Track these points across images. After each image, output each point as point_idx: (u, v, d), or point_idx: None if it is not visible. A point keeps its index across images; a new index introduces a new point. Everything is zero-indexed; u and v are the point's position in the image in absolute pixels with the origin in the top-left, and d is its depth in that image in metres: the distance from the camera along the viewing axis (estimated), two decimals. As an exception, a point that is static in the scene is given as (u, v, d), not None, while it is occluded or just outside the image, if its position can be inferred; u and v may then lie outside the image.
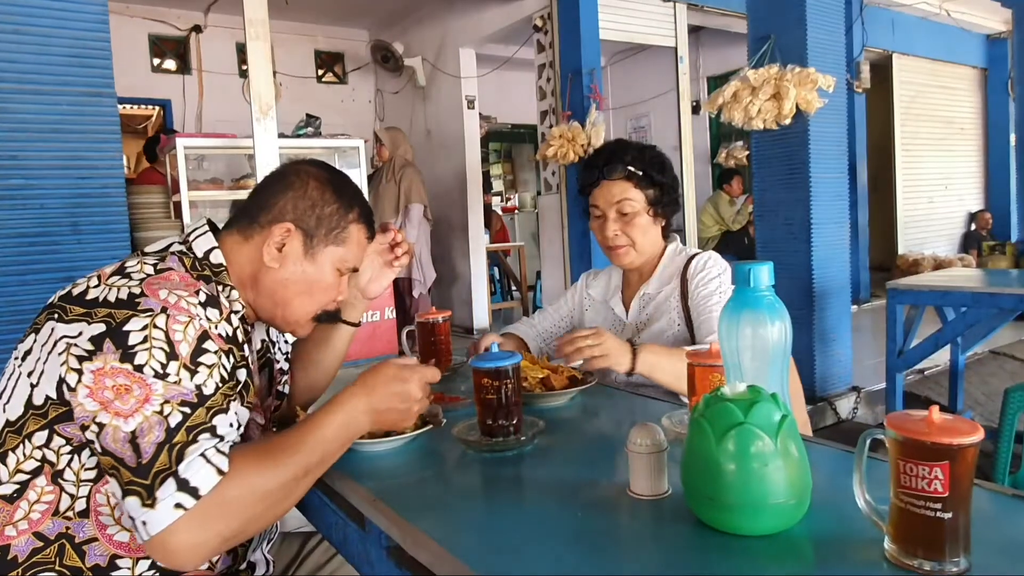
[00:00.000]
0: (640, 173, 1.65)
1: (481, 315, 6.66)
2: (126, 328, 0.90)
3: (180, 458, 0.87)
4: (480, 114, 6.76)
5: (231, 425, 0.95)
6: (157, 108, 6.72)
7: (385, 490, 1.02)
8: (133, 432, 0.86)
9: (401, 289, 5.34)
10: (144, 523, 0.85)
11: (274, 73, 6.77)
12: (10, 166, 1.75)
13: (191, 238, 1.13)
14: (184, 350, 0.92)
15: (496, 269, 7.42)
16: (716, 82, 7.79)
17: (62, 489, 0.94)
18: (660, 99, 7.75)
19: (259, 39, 3.87)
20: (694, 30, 6.57)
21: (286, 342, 1.42)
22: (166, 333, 0.91)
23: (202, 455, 0.88)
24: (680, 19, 5.54)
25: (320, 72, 7.44)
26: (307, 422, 1.00)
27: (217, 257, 1.11)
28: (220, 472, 0.88)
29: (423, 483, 1.09)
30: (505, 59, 6.61)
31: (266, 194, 1.15)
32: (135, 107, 6.73)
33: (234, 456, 0.90)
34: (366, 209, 1.21)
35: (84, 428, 0.89)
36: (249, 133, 3.59)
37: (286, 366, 1.40)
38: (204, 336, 0.95)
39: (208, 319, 0.98)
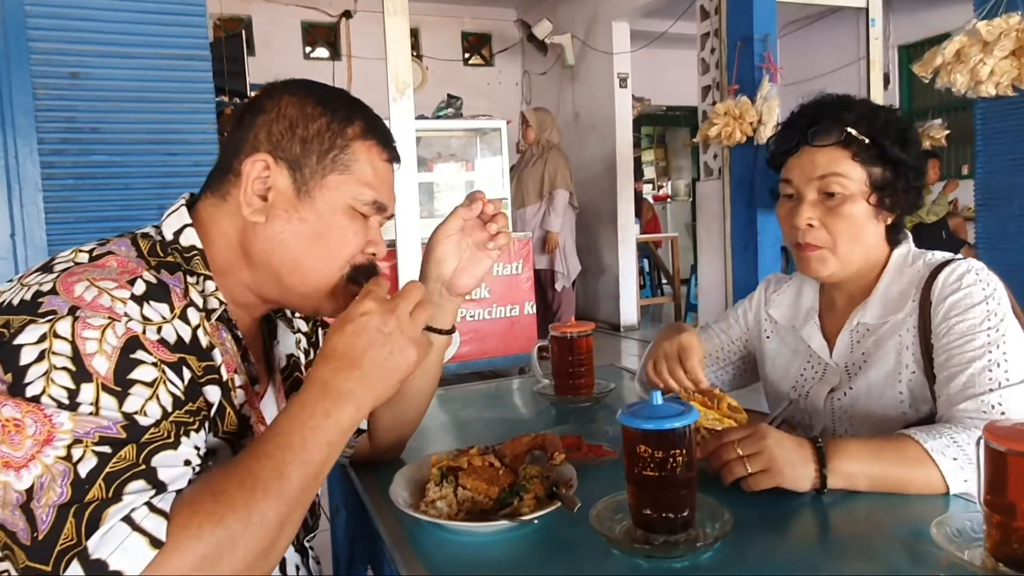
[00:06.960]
0: (866, 140, 1.08)
1: (629, 311, 6.24)
2: (17, 341, 0.62)
3: (93, 526, 0.57)
4: (632, 96, 6.30)
5: (186, 463, 0.65)
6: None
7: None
8: (29, 491, 0.57)
9: (543, 281, 5.04)
10: None
11: (420, 56, 6.72)
12: (92, 139, 1.52)
13: (163, 217, 0.82)
14: (101, 365, 0.62)
15: (646, 262, 7.04)
16: (910, 51, 6.83)
17: None
18: (838, 73, 6.89)
19: (397, 14, 3.69)
20: (886, -10, 5.70)
21: None
22: (72, 344, 0.62)
23: (127, 520, 0.57)
24: (873, -25, 4.75)
25: (467, 55, 7.29)
26: (275, 436, 0.66)
27: (190, 238, 0.79)
28: (155, 544, 0.57)
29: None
30: (659, 34, 6.08)
31: (238, 132, 0.82)
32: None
33: (177, 510, 0.60)
34: (375, 123, 0.85)
35: None
36: (388, 116, 3.37)
37: None
38: (133, 343, 0.65)
39: (144, 318, 0.67)
